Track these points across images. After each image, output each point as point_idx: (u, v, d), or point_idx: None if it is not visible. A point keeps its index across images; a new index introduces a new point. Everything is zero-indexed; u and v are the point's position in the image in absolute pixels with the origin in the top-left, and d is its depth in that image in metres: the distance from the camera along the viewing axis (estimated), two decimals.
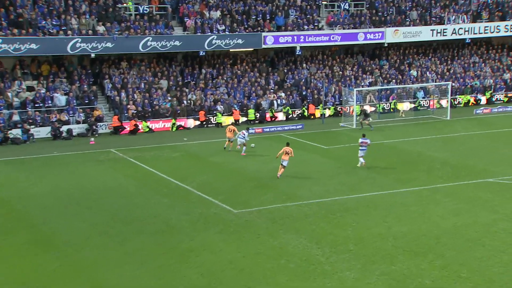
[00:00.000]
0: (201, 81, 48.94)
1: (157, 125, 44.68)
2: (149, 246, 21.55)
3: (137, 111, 44.38)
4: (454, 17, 57.03)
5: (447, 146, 38.02)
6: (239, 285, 18.55)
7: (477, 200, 26.73)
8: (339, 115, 49.00)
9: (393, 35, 54.10)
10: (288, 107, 48.79)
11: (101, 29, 44.91)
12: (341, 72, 54.06)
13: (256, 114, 47.39)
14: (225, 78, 49.88)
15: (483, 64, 59.63)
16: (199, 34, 47.79)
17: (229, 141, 37.02)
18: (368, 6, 56.61)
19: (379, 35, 53.66)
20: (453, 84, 53.93)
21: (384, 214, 24.83)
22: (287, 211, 25.26)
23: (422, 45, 58.99)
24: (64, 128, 41.75)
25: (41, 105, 42.84)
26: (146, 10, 48.25)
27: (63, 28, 43.97)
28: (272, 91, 50.15)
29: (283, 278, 18.94)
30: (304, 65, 53.74)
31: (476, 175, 30.81)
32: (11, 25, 42.72)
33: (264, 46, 49.66)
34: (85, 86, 45.18)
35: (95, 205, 26.35)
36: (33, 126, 40.97)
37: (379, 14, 55.88)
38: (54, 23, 43.98)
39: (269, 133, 43.04)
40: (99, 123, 43.26)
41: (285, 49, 52.71)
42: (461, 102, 54.69)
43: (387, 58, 57.25)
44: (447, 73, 57.28)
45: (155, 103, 45.64)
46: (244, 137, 36.03)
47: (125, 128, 43.33)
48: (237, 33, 48.79)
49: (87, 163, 34.18)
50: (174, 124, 44.79)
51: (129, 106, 44.43)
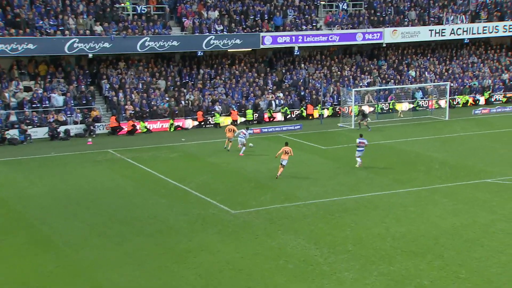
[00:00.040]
0: (199, 82, 48.87)
1: (155, 125, 44.61)
2: (147, 247, 21.52)
3: (135, 112, 44.31)
4: (452, 17, 57.02)
5: (445, 147, 38.00)
6: (237, 286, 18.51)
7: (476, 200, 26.71)
8: (338, 115, 48.95)
9: (391, 35, 54.07)
10: (286, 108, 48.72)
11: (98, 29, 44.80)
12: (339, 72, 54.01)
13: (254, 114, 47.33)
14: (223, 79, 49.81)
15: (481, 65, 59.64)
16: (197, 34, 47.72)
17: (229, 140, 36.99)
18: (366, 6, 56.59)
19: (377, 35, 53.63)
20: (452, 84, 53.93)
21: (383, 214, 24.80)
22: (285, 212, 25.22)
23: (421, 45, 58.99)
24: (62, 129, 41.67)
25: (38, 105, 42.75)
26: (144, 10, 48.16)
27: (60, 28, 43.86)
28: (270, 91, 50.09)
29: (281, 278, 18.91)
30: (302, 65, 53.67)
31: (474, 176, 30.81)
32: (8, 25, 42.63)
33: (262, 46, 49.63)
34: (82, 87, 45.09)
35: (93, 206, 26.32)
36: (30, 127, 40.89)
37: (378, 14, 55.86)
38: (52, 23, 43.87)
39: (267, 133, 42.99)
40: (96, 124, 43.19)
41: (283, 49, 52.66)
42: (459, 102, 54.70)
43: (385, 58, 57.21)
44: (446, 73, 57.28)
45: (153, 103, 45.55)
46: (244, 136, 36.04)
47: (122, 128, 43.25)
48: (235, 33, 48.72)
49: (85, 164, 34.12)
50: (172, 124, 44.71)
51: (126, 107, 44.34)
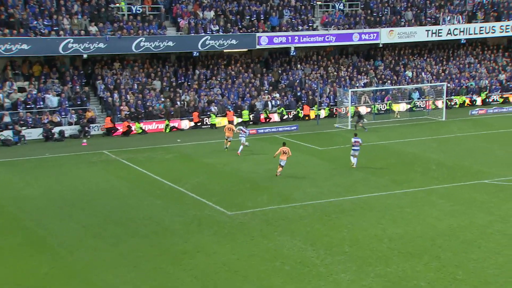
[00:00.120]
0: (194, 82, 48.71)
1: (150, 126, 44.42)
2: (142, 248, 21.39)
3: (130, 112, 44.10)
4: (449, 17, 56.98)
5: (442, 147, 37.90)
6: None
7: (473, 201, 26.61)
8: (334, 116, 48.82)
9: (388, 35, 54.01)
10: (282, 108, 48.58)
11: (93, 29, 44.60)
12: (336, 73, 53.90)
13: (251, 115, 47.17)
14: (219, 79, 49.65)
15: (478, 65, 59.63)
16: (192, 34, 47.54)
17: (228, 140, 36.85)
18: (363, 6, 56.48)
19: (374, 36, 53.56)
20: (449, 84, 53.86)
21: (380, 215, 24.68)
22: (281, 213, 25.10)
23: (417, 45, 58.94)
24: (56, 130, 41.44)
25: (32, 106, 42.49)
26: (139, 10, 47.96)
27: (55, 29, 43.63)
28: (266, 92, 49.96)
29: (277, 280, 18.77)
30: (299, 65, 53.54)
31: (471, 176, 30.71)
32: (2, 25, 42.38)
33: (258, 47, 49.48)
34: (77, 87, 44.87)
35: (88, 207, 26.18)
36: (24, 128, 40.63)
37: (374, 14, 55.76)
38: (46, 23, 43.63)
39: (263, 134, 42.85)
40: (91, 125, 42.98)
41: (279, 49, 52.53)
42: (456, 103, 54.65)
43: (382, 58, 57.14)
44: (442, 73, 57.22)
45: (148, 104, 45.38)
46: (245, 134, 36.23)
47: (118, 129, 43.04)
48: (231, 33, 48.56)
49: (80, 165, 33.95)
50: (167, 125, 44.52)
51: (122, 107, 44.14)
